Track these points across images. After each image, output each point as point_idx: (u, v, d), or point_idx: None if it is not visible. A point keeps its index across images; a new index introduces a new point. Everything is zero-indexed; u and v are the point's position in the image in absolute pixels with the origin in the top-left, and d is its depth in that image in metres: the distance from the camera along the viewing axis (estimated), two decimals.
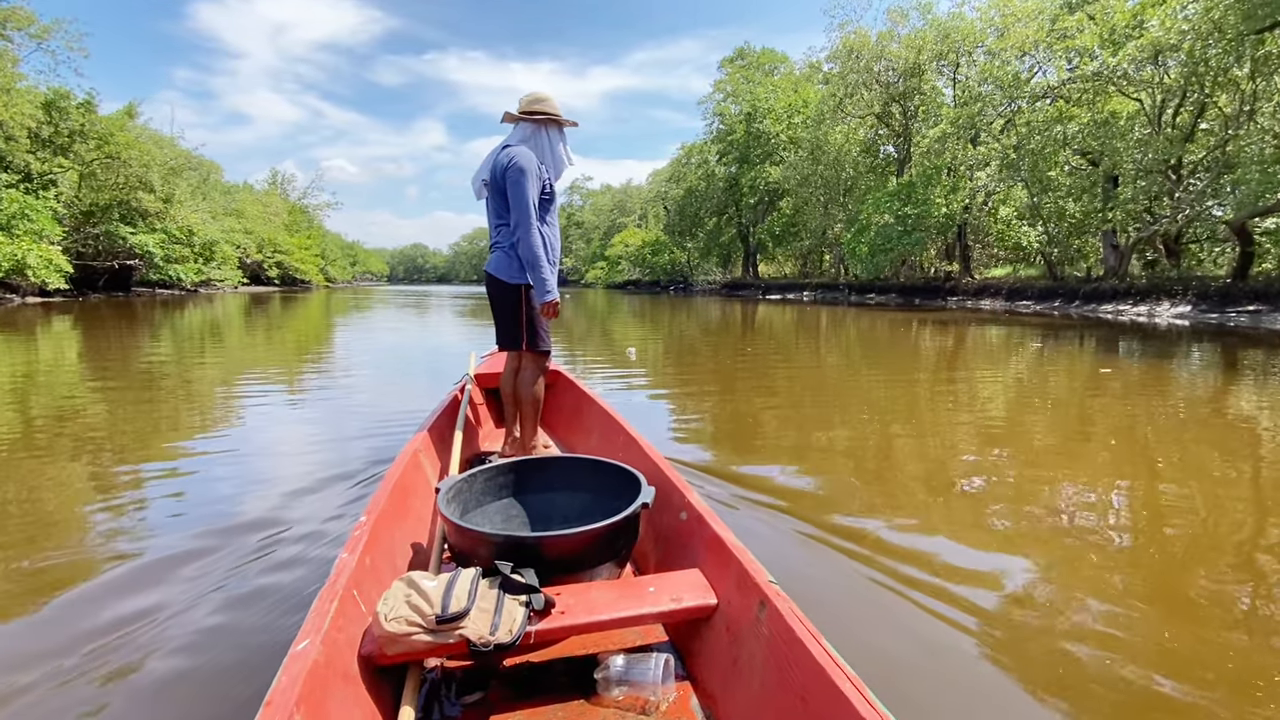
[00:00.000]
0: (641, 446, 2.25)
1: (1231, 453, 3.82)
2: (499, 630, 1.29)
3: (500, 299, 2.66)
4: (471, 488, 1.88)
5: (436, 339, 11.64)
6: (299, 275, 47.72)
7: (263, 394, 5.65)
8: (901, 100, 28.53)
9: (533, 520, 1.99)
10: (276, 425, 4.40)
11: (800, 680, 1.11)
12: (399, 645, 1.25)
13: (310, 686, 1.04)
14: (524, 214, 2.48)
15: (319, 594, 1.28)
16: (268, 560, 2.20)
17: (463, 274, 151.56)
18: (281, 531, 2.44)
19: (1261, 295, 15.73)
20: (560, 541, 1.51)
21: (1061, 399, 5.61)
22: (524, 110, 2.61)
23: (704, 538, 1.62)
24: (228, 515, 2.64)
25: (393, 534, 1.74)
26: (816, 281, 37.44)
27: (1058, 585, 2.12)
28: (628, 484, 1.79)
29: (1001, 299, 23.45)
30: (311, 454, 3.61)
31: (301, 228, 53.62)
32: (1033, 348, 9.48)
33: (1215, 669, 1.67)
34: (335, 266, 64.82)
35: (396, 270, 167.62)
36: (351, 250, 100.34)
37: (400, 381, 6.40)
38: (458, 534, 1.57)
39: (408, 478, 2.04)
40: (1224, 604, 2.02)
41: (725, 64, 45.95)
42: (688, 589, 1.48)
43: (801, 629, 1.16)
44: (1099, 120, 19.65)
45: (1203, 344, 10.19)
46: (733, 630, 1.37)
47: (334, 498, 2.82)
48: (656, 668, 1.34)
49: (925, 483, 3.22)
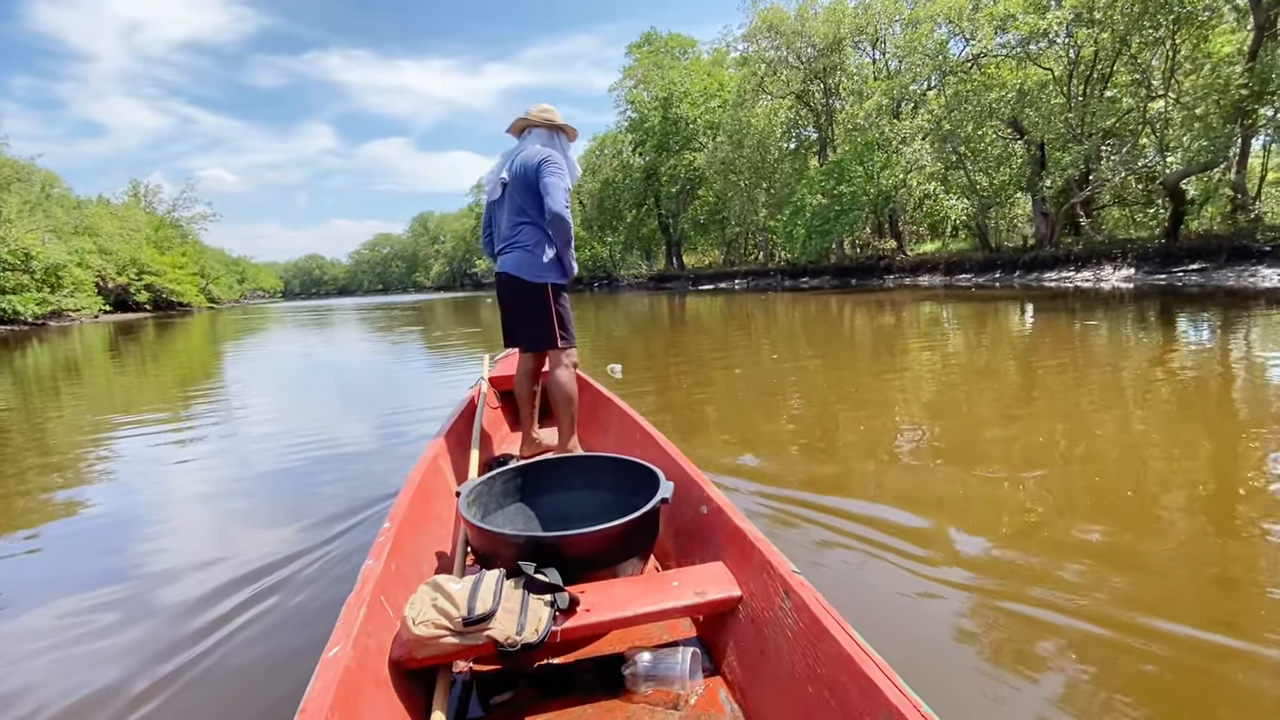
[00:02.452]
0: (658, 442, 2.19)
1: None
2: (525, 630, 1.28)
3: (526, 299, 2.60)
4: (491, 490, 1.87)
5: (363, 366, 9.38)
6: (175, 298, 42.35)
7: (146, 440, 4.58)
8: (823, 77, 27.94)
9: (553, 520, 1.96)
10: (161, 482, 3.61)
11: (829, 670, 1.09)
12: (428, 648, 1.25)
13: (343, 692, 1.04)
14: (563, 200, 2.50)
15: (347, 601, 1.28)
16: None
17: (366, 284, 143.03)
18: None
19: (1200, 253, 15.84)
20: (582, 540, 1.50)
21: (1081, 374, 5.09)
22: (539, 118, 2.64)
23: (725, 530, 1.59)
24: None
25: (416, 539, 1.75)
26: (746, 269, 36.73)
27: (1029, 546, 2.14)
28: (646, 480, 1.77)
29: (940, 274, 23.22)
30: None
31: (174, 244, 47.67)
32: (1006, 323, 8.52)
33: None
34: (219, 285, 58.45)
35: (292, 285, 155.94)
36: (238, 266, 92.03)
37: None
38: (480, 536, 1.57)
39: (428, 482, 2.05)
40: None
41: (633, 49, 44.39)
42: (711, 582, 1.46)
43: (828, 618, 1.14)
44: (1025, 88, 19.53)
45: (1173, 307, 9.79)
46: (758, 621, 1.34)
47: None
48: (684, 661, 1.32)
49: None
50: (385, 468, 3.49)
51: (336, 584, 2.12)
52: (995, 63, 20.71)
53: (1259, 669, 1.51)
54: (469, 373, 6.98)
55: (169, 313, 40.60)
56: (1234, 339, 6.47)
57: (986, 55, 20.93)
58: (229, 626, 1.91)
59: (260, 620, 1.93)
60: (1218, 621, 1.68)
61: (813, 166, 30.19)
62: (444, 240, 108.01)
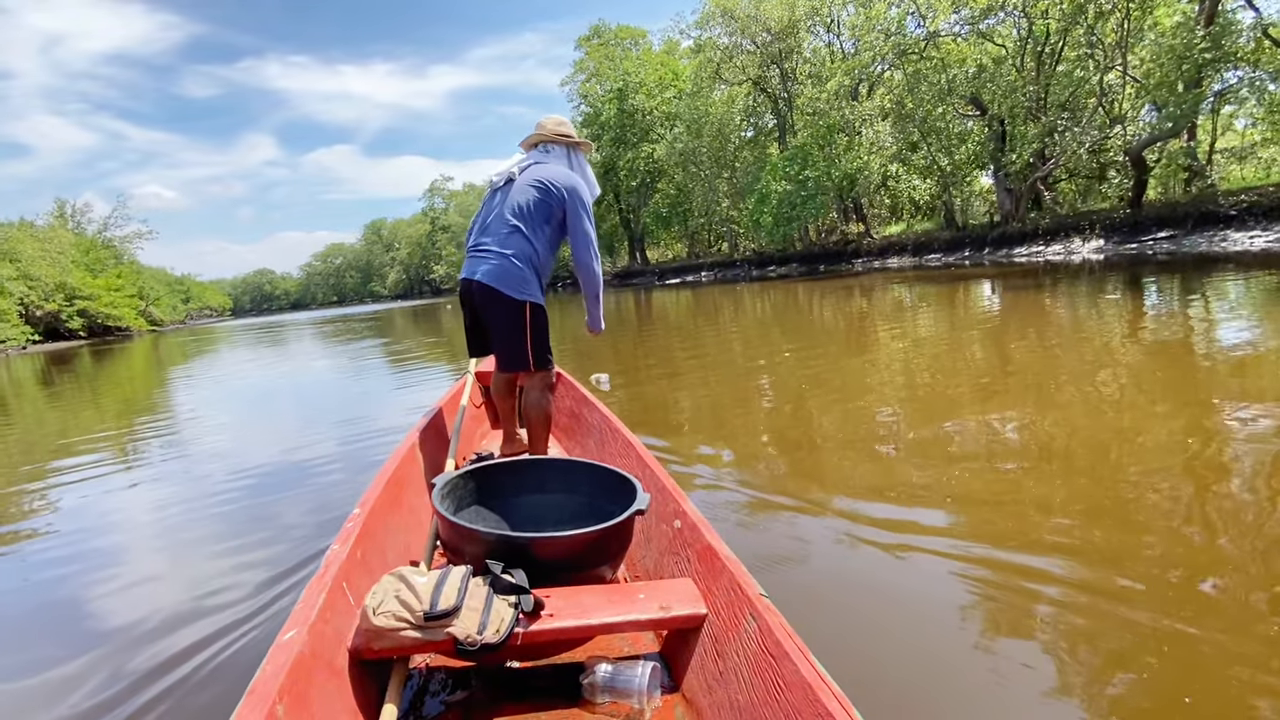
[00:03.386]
0: (639, 452, 2.16)
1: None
2: (487, 630, 1.27)
3: (501, 315, 2.37)
4: (467, 485, 1.85)
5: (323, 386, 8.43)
6: (112, 322, 39.89)
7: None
8: (779, 61, 27.55)
9: (527, 521, 1.90)
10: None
11: (787, 696, 1.08)
12: (386, 640, 1.24)
13: (294, 677, 1.03)
14: (592, 246, 2.46)
15: (308, 584, 1.27)
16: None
17: (320, 297, 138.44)
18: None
19: (1167, 220, 15.89)
20: (552, 543, 1.50)
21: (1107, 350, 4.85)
22: (555, 133, 2.53)
23: (697, 547, 1.56)
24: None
25: (386, 527, 1.72)
26: (711, 261, 36.31)
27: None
28: (623, 489, 1.73)
29: (909, 255, 23.09)
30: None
31: (108, 266, 44.95)
32: (998, 300, 8.14)
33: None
34: (160, 306, 55.43)
35: (241, 302, 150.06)
36: (182, 285, 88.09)
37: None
38: (450, 530, 1.55)
39: (403, 471, 2.01)
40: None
41: (582, 42, 43.50)
42: (678, 598, 1.43)
43: (790, 644, 1.12)
44: (983, 64, 19.41)
45: (1158, 275, 9.74)
46: (721, 641, 1.32)
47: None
48: (643, 675, 1.30)
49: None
50: (345, 495, 3.16)
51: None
52: (953, 39, 20.55)
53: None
54: (438, 390, 6.19)
55: (106, 339, 38.14)
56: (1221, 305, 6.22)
57: (943, 34, 20.75)
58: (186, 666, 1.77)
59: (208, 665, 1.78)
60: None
61: (773, 153, 29.84)
62: (399, 247, 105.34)
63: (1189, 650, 1.45)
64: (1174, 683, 1.37)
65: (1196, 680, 1.37)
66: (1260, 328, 5.13)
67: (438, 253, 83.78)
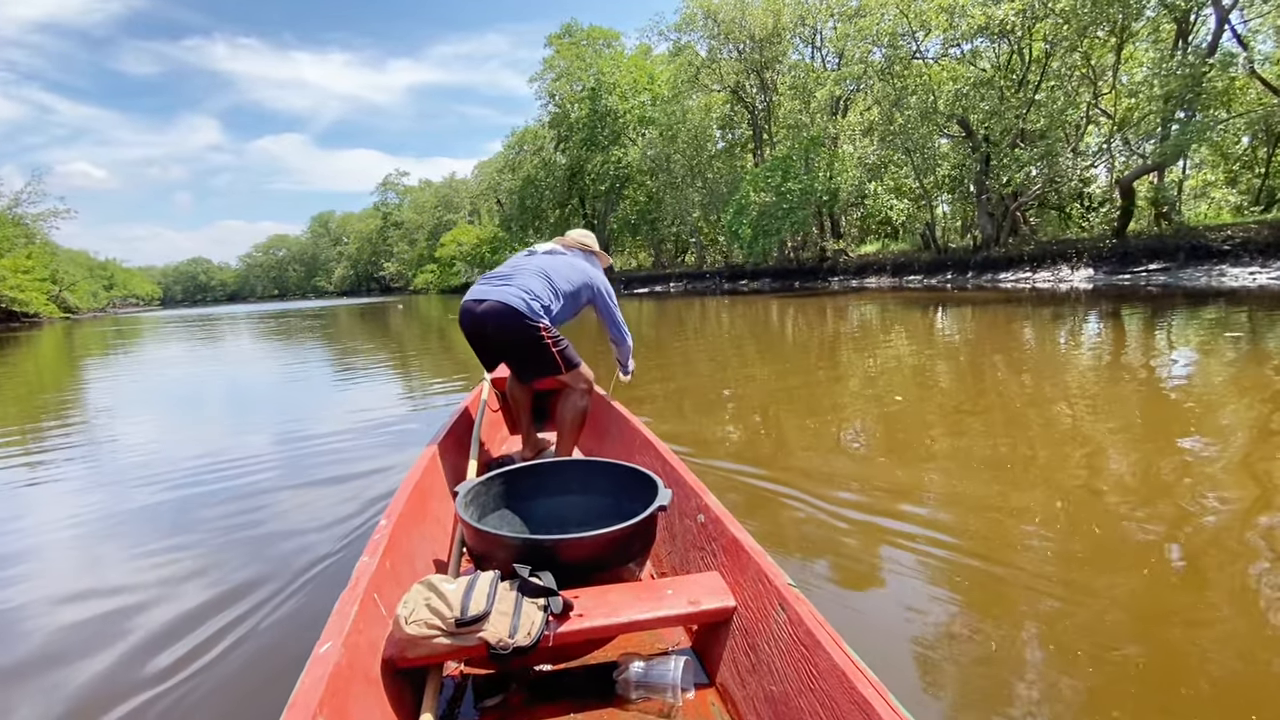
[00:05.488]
0: (658, 449, 2.16)
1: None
2: (518, 633, 1.26)
3: (521, 334, 2.40)
4: (489, 491, 1.84)
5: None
6: (18, 308, 36.08)
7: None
8: (759, 71, 26.82)
9: (550, 523, 1.90)
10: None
11: (821, 685, 1.07)
12: (419, 648, 1.23)
13: (333, 689, 1.03)
14: (623, 328, 2.75)
15: (340, 597, 1.26)
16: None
17: (260, 289, 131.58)
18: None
19: (1158, 252, 15.63)
20: (578, 544, 1.48)
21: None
22: (579, 242, 2.74)
23: (722, 540, 1.56)
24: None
25: (412, 537, 1.72)
26: (680, 271, 35.32)
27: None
28: (645, 487, 1.73)
29: (887, 275, 22.53)
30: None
31: (17, 245, 40.76)
32: (1029, 331, 7.26)
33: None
34: (77, 292, 50.85)
35: (173, 291, 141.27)
36: (105, 270, 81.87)
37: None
38: (476, 537, 1.55)
39: (426, 481, 2.03)
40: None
41: (553, 40, 42.13)
42: (706, 591, 1.43)
43: (822, 632, 1.12)
44: (973, 84, 19.02)
45: (1167, 309, 8.96)
46: (752, 633, 1.32)
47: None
48: (676, 670, 1.30)
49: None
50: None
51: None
52: (944, 58, 20.13)
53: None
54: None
55: (10, 325, 34.38)
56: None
57: (932, 54, 20.33)
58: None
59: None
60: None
61: (747, 164, 29.09)
62: (347, 242, 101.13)
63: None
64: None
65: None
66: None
67: (389, 249, 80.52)
